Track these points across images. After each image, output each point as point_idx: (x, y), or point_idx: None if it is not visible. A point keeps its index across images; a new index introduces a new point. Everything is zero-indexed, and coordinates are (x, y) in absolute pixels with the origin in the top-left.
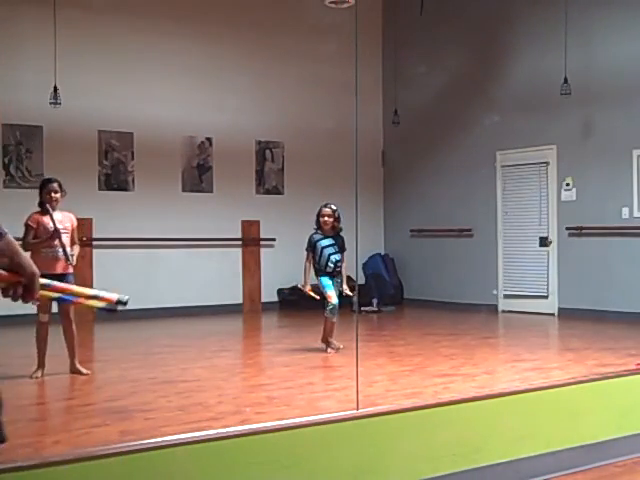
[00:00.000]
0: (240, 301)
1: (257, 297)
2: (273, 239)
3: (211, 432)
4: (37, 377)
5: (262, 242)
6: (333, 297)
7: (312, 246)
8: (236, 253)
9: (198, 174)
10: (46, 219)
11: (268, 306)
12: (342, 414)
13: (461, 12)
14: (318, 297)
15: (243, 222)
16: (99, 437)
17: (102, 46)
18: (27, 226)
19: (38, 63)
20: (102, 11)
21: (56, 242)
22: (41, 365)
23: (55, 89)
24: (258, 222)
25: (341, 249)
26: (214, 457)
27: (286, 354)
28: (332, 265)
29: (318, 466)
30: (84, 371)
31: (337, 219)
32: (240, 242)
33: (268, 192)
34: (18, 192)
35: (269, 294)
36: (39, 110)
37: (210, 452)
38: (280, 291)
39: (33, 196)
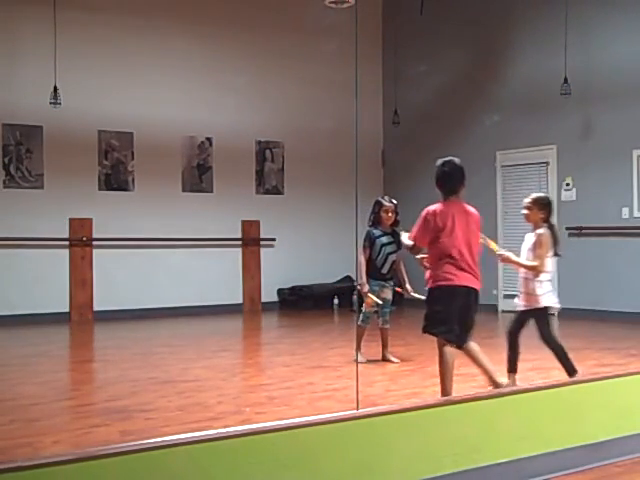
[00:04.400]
0: (240, 301)
1: (257, 297)
2: (273, 239)
3: (211, 432)
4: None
5: (262, 242)
6: (371, 305)
7: (371, 243)
8: (236, 253)
9: (198, 174)
10: None
11: (268, 306)
12: (342, 414)
13: (461, 12)
14: (379, 301)
15: (243, 222)
16: (99, 437)
17: (102, 46)
18: None
19: (38, 63)
20: (102, 11)
21: None
22: None
23: (55, 89)
24: (258, 222)
25: (398, 246)
26: (214, 457)
27: (286, 354)
28: (388, 266)
29: (318, 466)
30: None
31: (398, 213)
32: (240, 242)
33: (268, 192)
34: (18, 192)
35: (269, 294)
36: (39, 110)
37: (210, 452)
38: (280, 291)
39: (33, 196)
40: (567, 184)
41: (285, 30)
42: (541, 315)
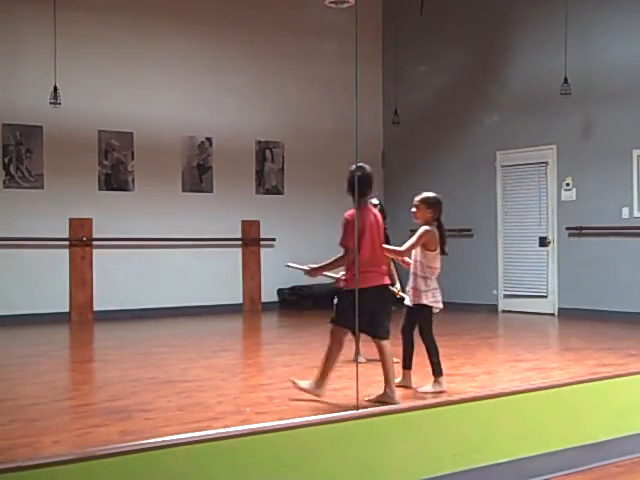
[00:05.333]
0: (240, 301)
1: (257, 297)
2: (273, 239)
3: (211, 432)
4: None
5: (262, 242)
6: None
7: None
8: (236, 253)
9: (198, 174)
10: None
11: (268, 306)
12: (342, 414)
13: (461, 12)
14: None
15: (243, 222)
16: (99, 437)
17: (102, 46)
18: None
19: (38, 63)
20: (102, 11)
21: None
22: None
23: (55, 89)
24: (258, 222)
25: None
26: (214, 457)
27: (286, 354)
28: None
29: (318, 466)
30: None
31: (384, 212)
32: (240, 242)
33: (268, 192)
34: (18, 192)
35: (269, 294)
36: (39, 110)
37: (210, 452)
38: (280, 291)
39: (33, 196)
40: (567, 184)
41: (285, 30)
42: (423, 312)
